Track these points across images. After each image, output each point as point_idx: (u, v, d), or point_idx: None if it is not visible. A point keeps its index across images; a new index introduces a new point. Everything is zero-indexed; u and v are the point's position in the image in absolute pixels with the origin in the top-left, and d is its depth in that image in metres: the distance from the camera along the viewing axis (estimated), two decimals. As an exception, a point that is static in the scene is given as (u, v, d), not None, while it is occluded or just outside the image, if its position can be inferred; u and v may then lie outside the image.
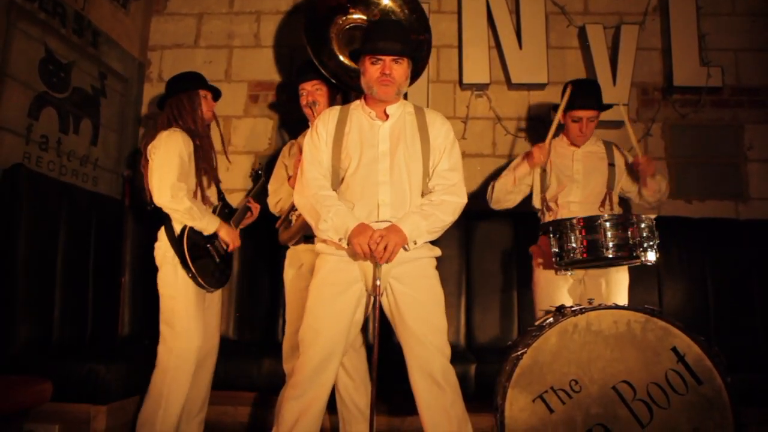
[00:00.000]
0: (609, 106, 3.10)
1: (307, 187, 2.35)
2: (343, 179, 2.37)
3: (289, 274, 2.93)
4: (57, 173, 3.26)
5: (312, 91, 2.99)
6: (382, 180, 2.32)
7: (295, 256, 2.91)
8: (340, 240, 2.24)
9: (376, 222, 2.29)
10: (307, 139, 2.46)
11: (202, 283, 2.72)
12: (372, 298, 2.33)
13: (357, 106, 2.47)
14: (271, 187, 3.06)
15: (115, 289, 3.49)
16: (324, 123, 2.44)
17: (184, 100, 2.87)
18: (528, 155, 3.05)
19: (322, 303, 2.30)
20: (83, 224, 3.25)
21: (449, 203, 2.34)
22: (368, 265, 2.28)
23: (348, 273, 2.31)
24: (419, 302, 2.30)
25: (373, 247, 2.17)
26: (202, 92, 2.92)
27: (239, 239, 2.92)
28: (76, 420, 2.66)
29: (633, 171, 3.08)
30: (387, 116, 2.41)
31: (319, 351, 2.25)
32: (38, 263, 2.90)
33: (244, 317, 3.66)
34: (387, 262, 2.21)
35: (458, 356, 2.34)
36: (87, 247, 3.27)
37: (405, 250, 2.25)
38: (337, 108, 2.51)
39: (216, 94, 3.01)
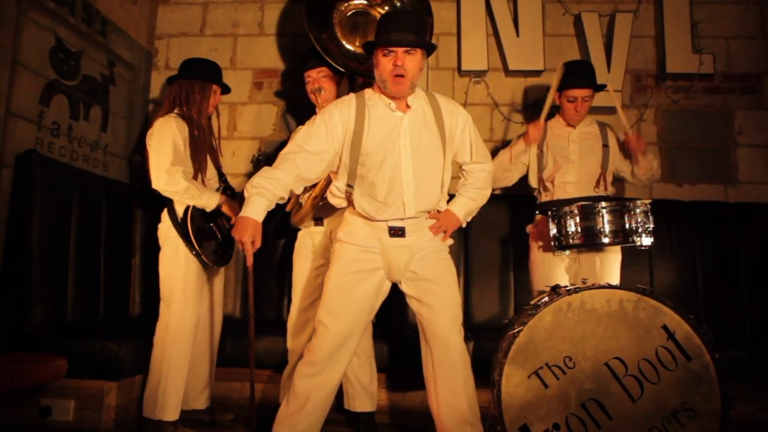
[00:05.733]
0: (603, 86, 3.09)
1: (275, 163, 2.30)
2: (364, 176, 2.27)
3: (298, 255, 2.93)
4: (68, 159, 3.26)
5: (317, 77, 2.96)
6: (405, 177, 2.25)
7: (305, 238, 2.92)
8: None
9: (402, 219, 2.27)
10: (317, 122, 2.31)
11: (206, 260, 2.74)
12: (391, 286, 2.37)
13: (373, 96, 2.32)
14: None
15: (125, 270, 3.51)
16: (341, 114, 2.28)
17: (196, 88, 2.85)
18: (524, 133, 3.06)
19: (342, 289, 2.27)
20: (94, 208, 3.26)
21: (487, 180, 2.54)
22: (391, 255, 2.28)
23: (370, 262, 2.29)
24: (439, 284, 2.32)
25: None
26: (214, 86, 2.90)
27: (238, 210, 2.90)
28: (90, 395, 2.70)
29: (625, 150, 3.09)
30: (407, 107, 2.30)
31: (337, 334, 2.24)
32: (51, 246, 2.91)
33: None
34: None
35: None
36: (98, 230, 3.28)
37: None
38: (353, 98, 2.34)
39: (225, 90, 3.01)
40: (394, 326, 3.23)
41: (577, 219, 2.58)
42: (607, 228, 2.53)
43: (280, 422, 2.28)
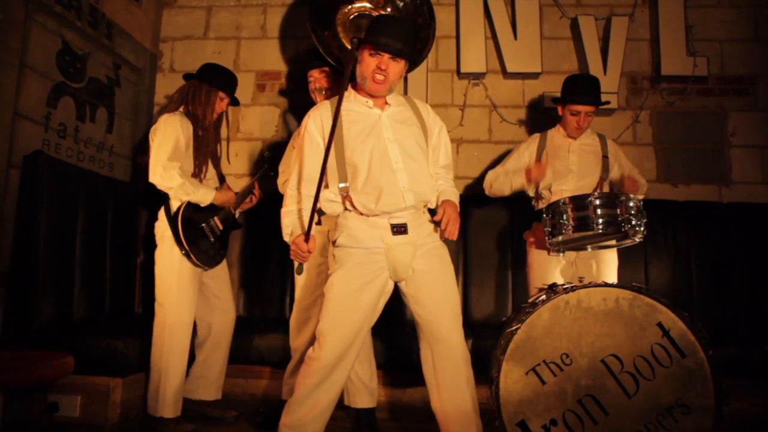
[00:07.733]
0: (606, 103, 3.18)
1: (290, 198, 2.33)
2: (356, 173, 2.23)
3: None
4: (75, 159, 3.26)
5: (320, 77, 2.95)
6: (396, 167, 2.23)
7: None
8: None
9: (404, 210, 2.23)
10: (305, 143, 2.31)
11: (195, 260, 2.73)
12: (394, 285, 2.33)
13: (348, 97, 2.32)
14: (280, 168, 3.05)
15: (130, 269, 3.51)
16: (315, 123, 2.28)
17: (203, 91, 2.86)
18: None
19: (347, 296, 2.19)
20: (100, 208, 3.27)
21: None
22: (396, 253, 2.22)
23: (374, 264, 2.22)
24: (437, 281, 2.28)
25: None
26: (221, 93, 2.91)
27: (233, 198, 2.91)
28: (97, 392, 2.71)
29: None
30: (386, 104, 2.32)
31: (342, 342, 2.18)
32: (58, 245, 2.92)
33: (253, 295, 3.68)
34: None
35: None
36: (104, 230, 3.28)
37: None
38: (326, 103, 2.35)
39: (233, 102, 3.02)
40: (395, 324, 3.24)
41: (570, 211, 2.54)
42: (600, 219, 2.47)
43: (285, 427, 2.21)
